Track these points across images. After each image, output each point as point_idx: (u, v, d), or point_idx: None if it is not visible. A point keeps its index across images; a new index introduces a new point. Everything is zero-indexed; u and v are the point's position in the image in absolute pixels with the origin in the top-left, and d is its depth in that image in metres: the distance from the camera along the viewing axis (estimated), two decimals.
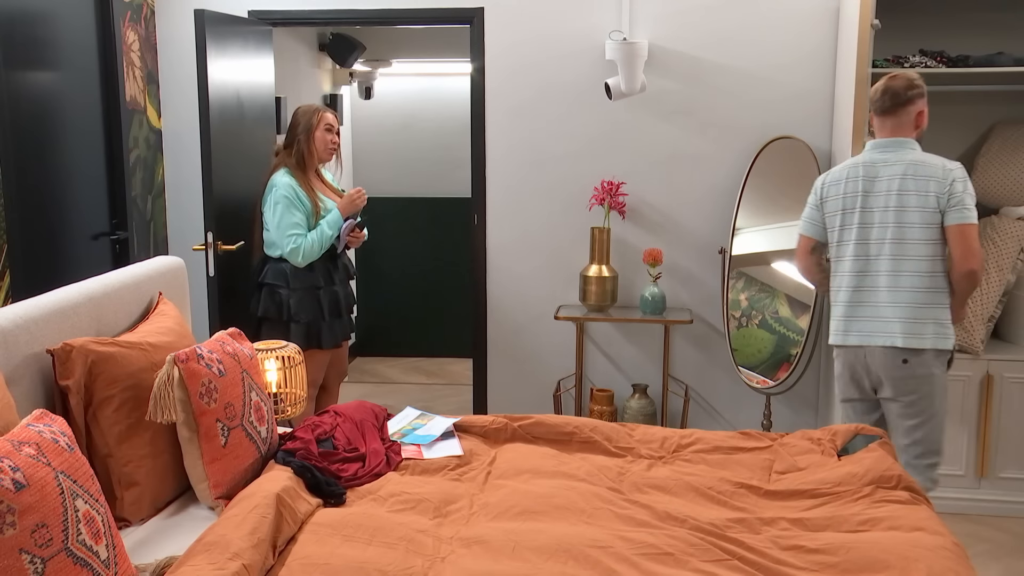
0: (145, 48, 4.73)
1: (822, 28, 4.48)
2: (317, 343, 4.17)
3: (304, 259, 4.07)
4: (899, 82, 3.34)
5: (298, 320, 4.11)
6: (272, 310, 4.13)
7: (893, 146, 3.36)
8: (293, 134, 4.17)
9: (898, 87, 3.33)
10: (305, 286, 4.13)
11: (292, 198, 4.06)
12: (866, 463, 2.85)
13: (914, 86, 3.33)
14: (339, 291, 4.25)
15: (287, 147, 4.19)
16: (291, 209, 4.05)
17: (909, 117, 3.35)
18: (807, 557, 2.37)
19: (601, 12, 4.60)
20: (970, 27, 4.27)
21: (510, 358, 4.95)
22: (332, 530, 2.44)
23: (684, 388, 4.79)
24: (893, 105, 3.34)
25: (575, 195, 4.73)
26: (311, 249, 4.07)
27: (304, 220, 4.08)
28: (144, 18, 4.72)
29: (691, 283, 4.76)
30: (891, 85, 3.34)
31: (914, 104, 3.33)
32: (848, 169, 3.43)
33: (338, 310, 4.24)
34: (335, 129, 4.22)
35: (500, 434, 3.20)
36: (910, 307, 3.32)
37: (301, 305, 4.12)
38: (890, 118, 3.36)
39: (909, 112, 3.34)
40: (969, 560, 2.39)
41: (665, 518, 2.56)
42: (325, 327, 4.18)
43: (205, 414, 2.60)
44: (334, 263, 4.23)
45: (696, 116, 4.63)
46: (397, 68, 6.64)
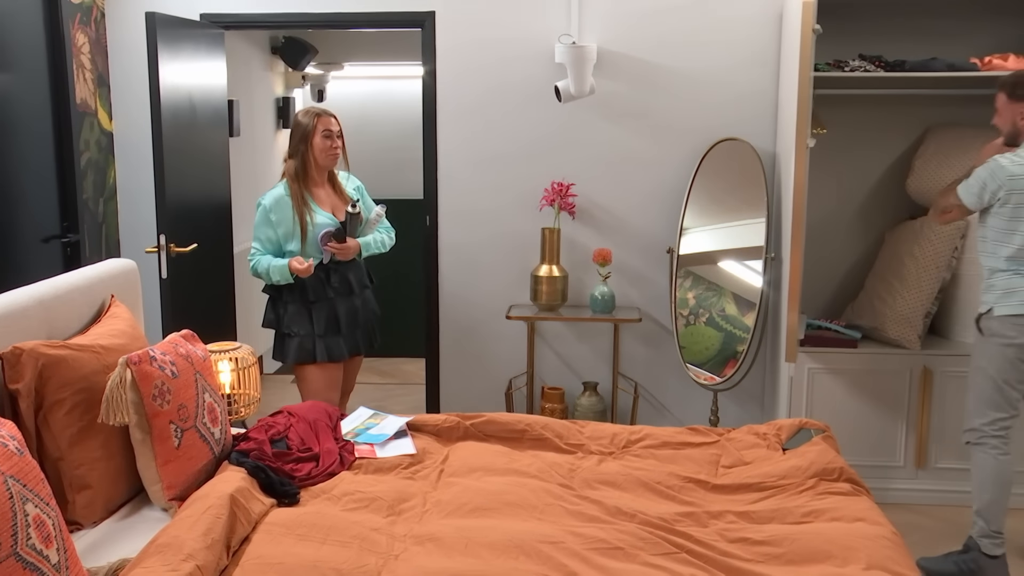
0: (95, 50, 4.68)
1: (766, 33, 4.58)
2: (312, 358, 3.94)
3: (253, 274, 3.95)
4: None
5: (292, 334, 3.94)
6: (273, 322, 4.01)
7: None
8: (294, 142, 3.95)
9: None
10: (297, 300, 3.93)
11: (270, 211, 3.86)
12: (809, 456, 2.93)
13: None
14: (340, 304, 3.97)
15: (291, 156, 3.97)
16: (262, 223, 3.88)
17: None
18: (753, 549, 2.44)
19: (550, 16, 4.65)
20: (906, 33, 4.39)
21: (462, 357, 4.98)
22: (286, 529, 2.46)
23: (633, 385, 4.86)
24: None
25: (526, 196, 4.78)
26: (258, 270, 3.90)
27: (272, 237, 3.88)
28: (94, 20, 4.67)
29: (640, 282, 4.83)
30: None
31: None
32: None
33: (337, 325, 3.97)
34: (335, 133, 3.95)
35: (452, 432, 3.23)
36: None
37: (294, 319, 3.93)
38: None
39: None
40: (906, 548, 2.48)
41: (615, 513, 2.61)
42: (320, 343, 3.93)
43: (158, 416, 2.61)
44: (327, 276, 3.94)
45: (644, 118, 4.71)
46: (349, 71, 6.65)
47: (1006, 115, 3.58)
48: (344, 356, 4.02)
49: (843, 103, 4.41)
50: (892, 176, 4.60)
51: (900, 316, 4.24)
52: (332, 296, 3.95)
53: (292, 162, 3.94)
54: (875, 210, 4.65)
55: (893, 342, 4.27)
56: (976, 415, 3.61)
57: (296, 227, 3.86)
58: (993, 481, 3.54)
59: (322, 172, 3.99)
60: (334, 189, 4.06)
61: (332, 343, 3.97)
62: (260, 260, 3.89)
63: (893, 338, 4.26)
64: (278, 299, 3.97)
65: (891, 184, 4.60)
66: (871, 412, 4.26)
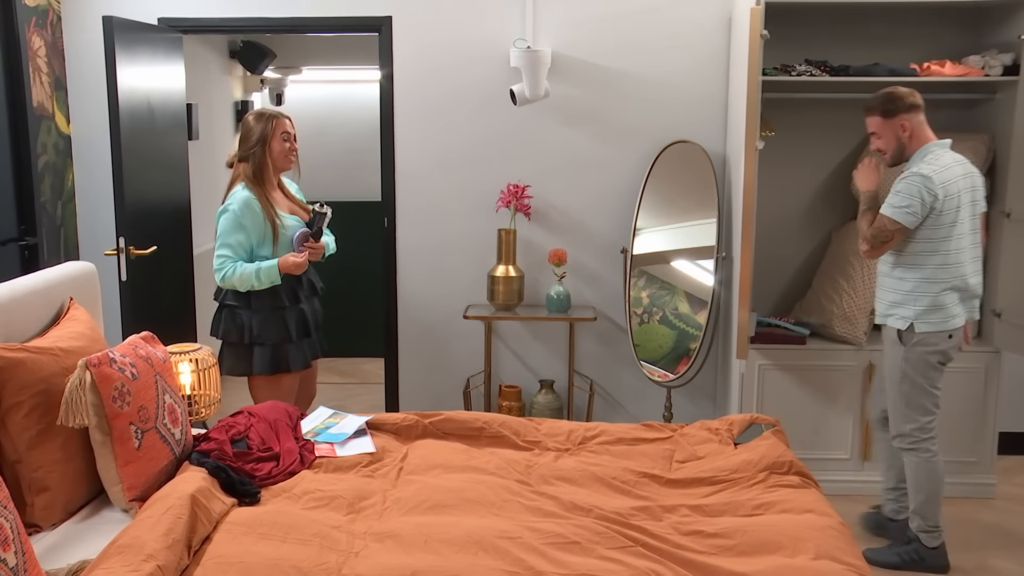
0: (52, 54, 4.65)
1: (716, 37, 4.67)
2: (285, 366, 3.84)
3: (225, 285, 3.74)
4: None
5: (262, 343, 3.78)
6: (233, 333, 3.79)
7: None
8: (247, 145, 3.79)
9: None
10: (268, 307, 3.78)
11: (241, 216, 3.70)
12: (760, 450, 2.99)
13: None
14: (306, 309, 3.91)
15: (242, 160, 3.81)
16: (234, 229, 3.69)
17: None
18: (706, 541, 2.49)
19: (505, 21, 4.71)
20: (850, 39, 4.50)
21: (421, 357, 5.02)
22: (247, 528, 2.47)
23: (589, 383, 4.92)
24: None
25: (482, 198, 4.83)
26: (234, 279, 3.70)
27: (245, 243, 3.73)
28: (50, 23, 4.64)
29: (595, 282, 4.91)
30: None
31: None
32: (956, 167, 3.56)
33: (306, 329, 3.91)
34: (292, 136, 3.87)
35: (411, 431, 3.25)
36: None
37: (264, 327, 3.78)
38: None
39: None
40: (853, 538, 2.55)
41: (571, 508, 2.65)
42: (293, 348, 3.84)
43: (118, 417, 2.62)
44: (298, 279, 3.87)
45: (598, 121, 4.78)
46: (308, 75, 6.66)
47: (887, 135, 3.58)
48: (309, 361, 3.98)
49: (790, 106, 4.51)
50: (838, 177, 4.71)
51: (846, 313, 4.35)
52: (302, 300, 3.90)
53: (246, 165, 3.79)
54: (822, 210, 4.76)
55: (840, 338, 4.39)
56: (905, 421, 3.65)
57: (268, 230, 3.75)
58: (927, 481, 3.64)
59: (277, 175, 3.90)
60: (283, 191, 3.96)
61: (300, 349, 3.90)
62: (237, 267, 3.69)
63: (840, 335, 4.38)
64: (241, 308, 3.79)
65: (837, 185, 4.71)
66: (819, 407, 4.37)
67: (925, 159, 3.53)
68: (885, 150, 3.63)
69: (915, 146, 3.58)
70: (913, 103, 3.55)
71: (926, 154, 3.54)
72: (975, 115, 4.56)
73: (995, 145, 4.33)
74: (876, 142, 3.64)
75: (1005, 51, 4.21)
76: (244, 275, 3.70)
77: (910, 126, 3.55)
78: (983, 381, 4.30)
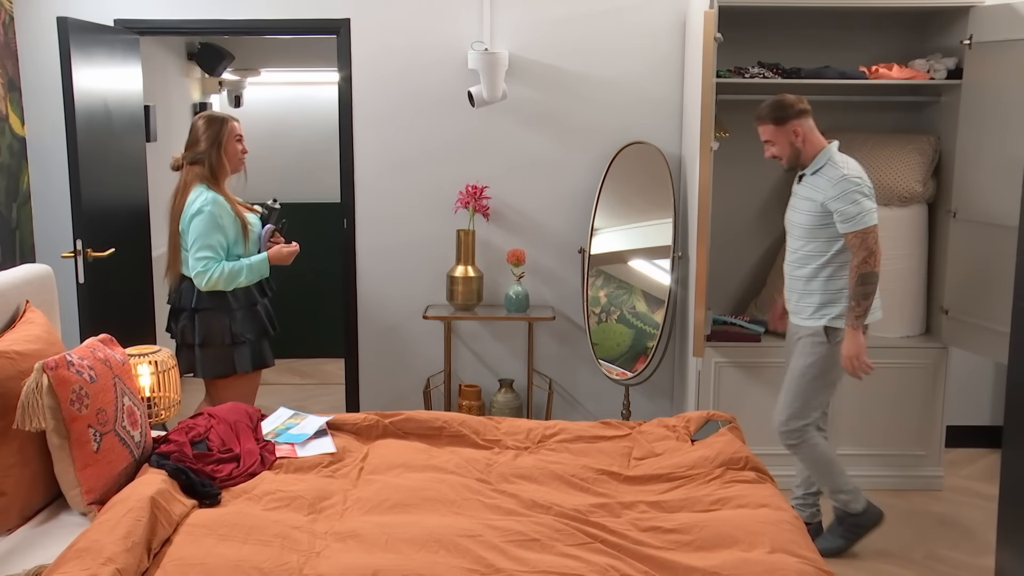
0: (5, 55, 4.58)
1: (670, 40, 4.73)
2: (263, 362, 3.90)
3: (208, 286, 3.69)
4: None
5: (244, 340, 3.80)
6: (216, 335, 3.76)
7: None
8: (197, 148, 3.77)
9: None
10: (246, 304, 3.82)
11: (217, 216, 3.68)
12: (717, 447, 3.03)
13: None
14: (268, 303, 3.99)
15: (194, 163, 3.77)
16: (212, 230, 3.67)
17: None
18: (664, 537, 2.52)
19: (463, 23, 4.73)
20: (802, 42, 4.58)
21: (381, 357, 5.03)
22: (207, 530, 2.47)
23: (548, 382, 4.96)
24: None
25: (441, 199, 4.85)
26: (220, 279, 3.69)
27: (224, 242, 3.72)
28: (2, 24, 4.57)
29: (553, 281, 4.95)
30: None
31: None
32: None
33: (273, 323, 3.99)
34: (243, 138, 3.89)
35: (372, 431, 3.26)
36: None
37: (245, 324, 3.81)
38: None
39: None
40: (807, 532, 2.60)
41: (531, 506, 2.67)
42: (267, 343, 3.93)
43: (76, 420, 2.60)
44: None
45: (555, 123, 4.82)
46: (266, 77, 6.63)
47: (781, 141, 3.61)
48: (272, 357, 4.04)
49: (744, 108, 4.54)
50: (791, 177, 4.75)
51: None
52: (268, 296, 3.98)
53: (200, 168, 3.76)
54: (776, 210, 4.79)
55: None
56: (798, 418, 3.69)
57: (239, 229, 3.78)
58: (824, 462, 3.73)
59: (228, 177, 3.88)
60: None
61: (269, 345, 3.98)
62: (224, 266, 3.69)
63: None
64: (217, 310, 3.76)
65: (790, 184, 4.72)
66: (774, 403, 4.39)
67: (833, 162, 3.56)
68: (780, 156, 3.66)
69: (809, 150, 3.62)
70: (802, 108, 3.59)
71: (829, 157, 3.59)
72: (921, 117, 4.67)
73: (941, 146, 4.44)
74: (770, 149, 3.67)
75: (949, 55, 4.31)
76: (232, 273, 3.71)
77: (802, 131, 3.59)
78: (931, 376, 4.41)
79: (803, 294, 3.68)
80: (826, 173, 3.57)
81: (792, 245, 3.75)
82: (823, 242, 3.60)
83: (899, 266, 4.43)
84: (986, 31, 4.06)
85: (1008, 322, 3.16)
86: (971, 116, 4.14)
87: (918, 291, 4.50)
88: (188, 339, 3.80)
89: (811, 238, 3.63)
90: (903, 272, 4.45)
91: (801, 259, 3.68)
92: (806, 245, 3.65)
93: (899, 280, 4.44)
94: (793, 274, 3.73)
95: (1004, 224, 3.88)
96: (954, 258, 4.28)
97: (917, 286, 4.49)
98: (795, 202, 3.73)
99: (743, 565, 2.35)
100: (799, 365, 3.70)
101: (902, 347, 4.43)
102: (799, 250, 3.69)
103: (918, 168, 4.37)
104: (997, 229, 3.97)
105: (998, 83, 4.00)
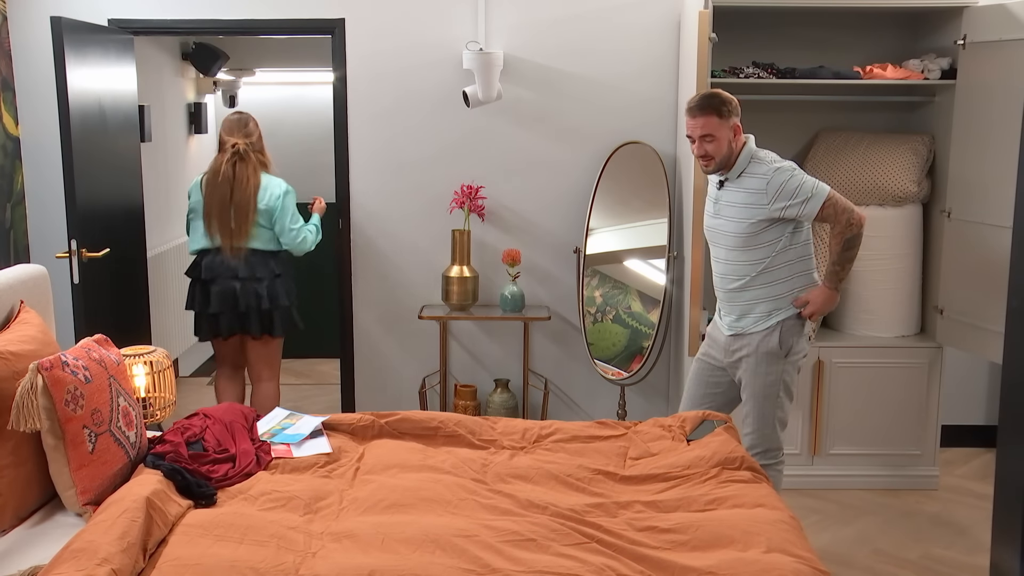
0: None
1: (665, 40, 4.74)
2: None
3: (305, 250, 4.46)
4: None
5: (293, 303, 4.53)
6: (292, 296, 4.51)
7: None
8: (253, 139, 4.44)
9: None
10: (287, 270, 4.53)
11: (293, 195, 4.43)
12: (712, 447, 3.02)
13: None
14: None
15: (258, 151, 4.44)
16: (295, 205, 4.42)
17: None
18: (660, 537, 2.52)
19: (458, 23, 4.73)
20: (796, 42, 4.59)
21: (376, 357, 5.03)
22: (203, 530, 2.46)
23: (543, 382, 4.97)
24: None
25: (436, 199, 4.85)
26: (312, 241, 4.48)
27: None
28: None
29: (548, 281, 4.95)
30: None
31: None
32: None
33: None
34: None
35: (368, 431, 3.25)
36: None
37: (291, 288, 4.54)
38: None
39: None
40: (803, 531, 2.60)
41: (527, 506, 2.67)
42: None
43: (71, 421, 2.60)
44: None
45: (550, 122, 4.82)
46: (261, 77, 6.63)
47: (723, 136, 3.32)
48: None
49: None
50: None
51: None
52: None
53: (261, 156, 4.46)
54: None
55: None
56: (775, 438, 3.51)
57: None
58: (778, 486, 3.48)
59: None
60: None
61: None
62: (310, 230, 4.46)
63: None
64: (287, 276, 4.48)
65: None
66: None
67: (758, 159, 3.37)
68: (715, 155, 3.34)
69: (735, 151, 3.38)
70: (738, 107, 3.36)
71: (752, 155, 3.38)
72: (916, 117, 4.68)
73: (935, 146, 4.45)
74: (706, 146, 3.33)
75: (943, 55, 4.32)
76: (316, 234, 4.51)
77: (737, 129, 3.36)
78: (926, 376, 4.42)
79: (745, 306, 3.46)
80: (754, 172, 3.35)
81: (723, 256, 3.47)
82: (762, 248, 3.37)
83: (894, 266, 4.44)
84: (980, 31, 4.07)
85: (1002, 321, 3.16)
86: (965, 116, 4.16)
87: (913, 291, 4.51)
88: (279, 300, 4.41)
89: (747, 247, 3.38)
90: (898, 272, 4.46)
91: (737, 271, 3.43)
92: (742, 256, 3.40)
93: (894, 280, 4.46)
94: (728, 288, 3.48)
95: (998, 224, 3.89)
96: (948, 258, 4.29)
97: (912, 286, 4.51)
98: (721, 210, 3.44)
99: (739, 565, 2.35)
100: (758, 387, 3.46)
101: (897, 347, 4.44)
102: (734, 261, 3.43)
103: (912, 168, 4.38)
104: (991, 229, 3.98)
105: (992, 83, 4.01)
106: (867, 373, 4.42)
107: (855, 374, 4.41)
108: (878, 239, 4.41)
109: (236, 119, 4.43)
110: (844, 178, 4.46)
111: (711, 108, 3.31)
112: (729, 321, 3.53)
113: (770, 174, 3.32)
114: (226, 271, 4.32)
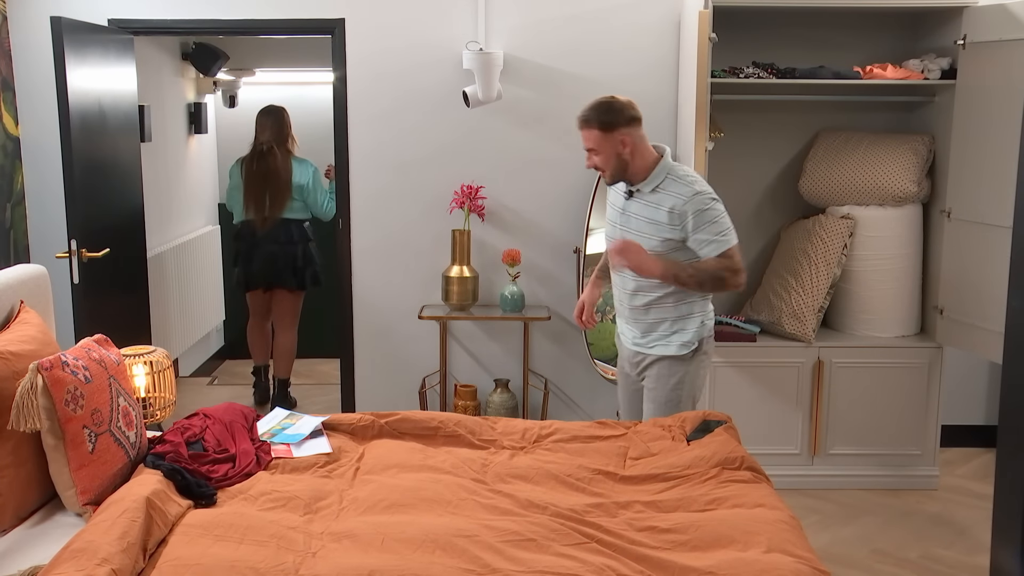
0: None
1: (665, 41, 4.74)
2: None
3: (333, 214, 5.18)
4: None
5: (319, 263, 5.52)
6: (319, 258, 5.52)
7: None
8: (287, 131, 5.43)
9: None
10: (315, 239, 5.55)
11: (320, 173, 5.42)
12: (712, 447, 3.02)
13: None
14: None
15: (290, 137, 5.44)
16: (320, 181, 5.44)
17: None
18: (660, 537, 2.52)
19: (458, 23, 4.73)
20: (796, 42, 4.59)
21: (376, 357, 5.03)
22: (203, 530, 2.47)
23: (543, 381, 4.97)
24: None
25: (436, 199, 4.85)
26: (334, 206, 5.18)
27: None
28: None
29: (548, 281, 4.95)
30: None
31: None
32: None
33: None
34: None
35: (367, 431, 3.25)
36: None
37: (318, 252, 5.57)
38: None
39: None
40: (803, 531, 2.60)
41: (527, 506, 2.67)
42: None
43: (71, 421, 2.60)
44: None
45: (550, 122, 4.82)
46: (261, 77, 6.63)
47: (606, 151, 3.19)
48: None
49: (739, 108, 4.59)
50: (785, 177, 4.81)
51: (795, 311, 4.44)
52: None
53: (292, 144, 5.47)
54: (770, 210, 4.85)
55: (789, 336, 4.47)
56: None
57: None
58: None
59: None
60: None
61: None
62: (331, 196, 5.35)
63: (789, 332, 4.46)
64: (310, 240, 5.50)
65: (785, 185, 4.81)
66: (769, 403, 4.46)
67: (676, 176, 3.23)
68: (604, 168, 3.24)
69: (639, 163, 3.22)
70: (633, 115, 3.19)
71: (669, 170, 3.24)
72: (916, 117, 4.68)
73: (935, 146, 4.46)
74: (593, 159, 3.24)
75: (943, 55, 4.33)
76: (333, 199, 5.19)
77: (631, 141, 3.18)
78: (926, 376, 4.42)
79: (649, 325, 3.38)
80: (671, 189, 3.20)
81: (626, 271, 3.31)
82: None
83: (893, 266, 4.45)
84: (980, 31, 4.07)
85: (1002, 321, 3.17)
86: (965, 116, 4.16)
87: (913, 291, 4.52)
88: (310, 260, 5.50)
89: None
90: (897, 272, 4.46)
91: (642, 287, 3.32)
92: None
93: (894, 280, 4.46)
94: (632, 304, 3.38)
95: (998, 224, 3.89)
96: (948, 258, 4.30)
97: (911, 286, 4.51)
98: (629, 222, 3.30)
99: (739, 565, 2.35)
100: (662, 392, 3.40)
101: (897, 347, 4.45)
102: (639, 276, 3.30)
103: (912, 168, 4.38)
104: (991, 229, 3.99)
105: (992, 83, 4.02)
106: (867, 373, 4.42)
107: (855, 374, 4.41)
108: (878, 239, 4.42)
109: (268, 112, 5.43)
110: (844, 178, 4.46)
111: (594, 121, 3.19)
112: (627, 338, 3.48)
113: (688, 196, 3.18)
114: (268, 237, 5.35)
